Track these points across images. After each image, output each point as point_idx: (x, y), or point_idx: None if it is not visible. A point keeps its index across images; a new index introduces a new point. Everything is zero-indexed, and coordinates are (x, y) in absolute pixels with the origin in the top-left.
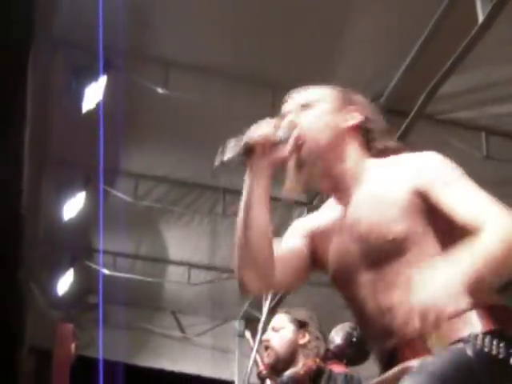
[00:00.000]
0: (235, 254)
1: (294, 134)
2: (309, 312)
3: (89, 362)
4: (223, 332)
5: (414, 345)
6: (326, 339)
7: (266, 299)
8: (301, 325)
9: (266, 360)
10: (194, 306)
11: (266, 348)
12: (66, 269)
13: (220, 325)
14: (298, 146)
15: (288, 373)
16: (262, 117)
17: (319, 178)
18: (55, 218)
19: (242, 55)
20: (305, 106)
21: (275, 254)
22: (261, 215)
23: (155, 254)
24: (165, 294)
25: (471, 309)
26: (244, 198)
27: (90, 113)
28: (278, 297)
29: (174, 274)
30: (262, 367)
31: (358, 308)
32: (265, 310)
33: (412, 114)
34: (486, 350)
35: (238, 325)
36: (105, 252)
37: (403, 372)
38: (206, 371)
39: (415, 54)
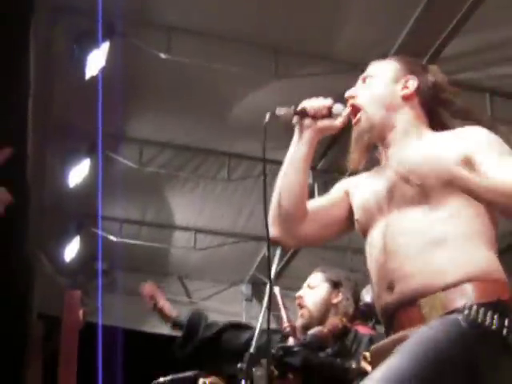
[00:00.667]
0: (270, 212)
1: (350, 104)
2: (345, 272)
3: (96, 328)
4: (230, 296)
5: (410, 312)
6: (358, 301)
7: (272, 263)
8: (335, 285)
9: (300, 321)
10: (200, 270)
11: (300, 305)
12: (72, 236)
13: (227, 289)
14: (355, 118)
15: (312, 331)
16: (264, 81)
17: (371, 146)
18: (61, 185)
19: (244, 19)
20: (365, 79)
21: (314, 207)
22: (297, 177)
23: (161, 220)
24: (171, 260)
25: (468, 280)
26: (286, 159)
27: (94, 79)
28: (283, 261)
29: (180, 239)
30: (286, 324)
31: (370, 255)
32: (271, 273)
33: None
34: (480, 320)
35: (245, 289)
36: (111, 218)
37: (399, 341)
38: None
39: (418, 15)
